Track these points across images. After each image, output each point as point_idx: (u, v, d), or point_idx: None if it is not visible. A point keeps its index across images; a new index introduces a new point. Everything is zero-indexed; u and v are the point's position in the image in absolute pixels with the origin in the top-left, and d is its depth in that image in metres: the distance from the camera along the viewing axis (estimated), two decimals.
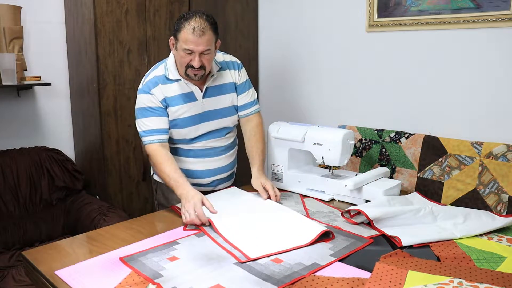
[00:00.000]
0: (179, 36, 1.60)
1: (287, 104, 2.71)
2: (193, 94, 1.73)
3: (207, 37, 1.58)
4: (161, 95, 1.69)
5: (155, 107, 1.69)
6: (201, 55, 1.60)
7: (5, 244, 2.19)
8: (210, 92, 1.76)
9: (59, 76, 2.55)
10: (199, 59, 1.60)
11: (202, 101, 1.73)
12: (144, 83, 1.72)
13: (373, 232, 1.45)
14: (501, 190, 1.69)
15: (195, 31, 1.56)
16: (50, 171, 2.38)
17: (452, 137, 1.88)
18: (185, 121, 1.73)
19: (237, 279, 1.14)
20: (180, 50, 1.61)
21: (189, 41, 1.57)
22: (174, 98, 1.71)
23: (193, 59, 1.60)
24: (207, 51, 1.61)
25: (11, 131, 2.43)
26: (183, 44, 1.59)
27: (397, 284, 1.10)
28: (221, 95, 1.78)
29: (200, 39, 1.57)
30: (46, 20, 2.47)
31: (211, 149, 1.81)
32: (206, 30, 1.58)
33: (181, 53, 1.62)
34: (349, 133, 1.79)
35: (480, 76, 1.88)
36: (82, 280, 1.14)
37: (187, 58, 1.61)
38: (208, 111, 1.76)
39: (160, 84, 1.69)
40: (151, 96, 1.69)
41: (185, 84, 1.70)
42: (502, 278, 1.13)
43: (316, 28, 2.48)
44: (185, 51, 1.59)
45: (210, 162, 1.81)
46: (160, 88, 1.69)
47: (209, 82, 1.74)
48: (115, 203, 2.35)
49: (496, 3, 1.79)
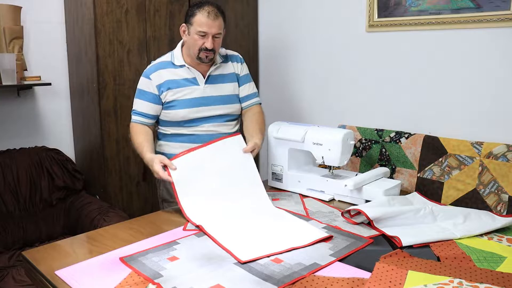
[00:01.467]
0: (193, 21, 1.73)
1: (287, 104, 2.71)
2: (196, 79, 1.83)
3: (219, 21, 1.74)
4: (160, 79, 1.80)
5: (148, 91, 1.81)
6: (213, 38, 1.74)
7: (5, 244, 2.19)
8: (212, 79, 1.86)
9: (59, 76, 2.55)
10: (212, 41, 1.73)
11: (204, 86, 1.83)
12: (148, 67, 1.85)
13: (373, 232, 1.45)
14: (501, 190, 1.69)
15: (210, 14, 1.71)
16: (50, 171, 2.38)
17: (452, 137, 1.88)
18: (184, 103, 1.81)
19: (237, 279, 1.14)
20: (194, 33, 1.74)
21: (203, 24, 1.71)
22: (176, 81, 1.81)
23: (206, 41, 1.73)
24: (218, 35, 1.75)
25: (11, 131, 2.43)
26: (197, 27, 1.72)
27: (397, 284, 1.10)
28: (224, 83, 1.88)
29: (214, 22, 1.72)
30: (46, 20, 2.47)
31: (216, 134, 1.85)
32: (218, 15, 1.74)
33: (194, 37, 1.74)
34: (349, 133, 1.79)
35: (480, 76, 1.88)
36: (82, 280, 1.14)
37: (201, 41, 1.74)
38: (209, 97, 1.84)
39: (162, 70, 1.81)
40: (149, 81, 1.81)
41: (188, 69, 1.82)
42: (502, 278, 1.13)
43: (316, 28, 2.48)
44: (199, 33, 1.72)
45: None
46: (160, 73, 1.81)
47: (212, 70, 1.85)
48: (115, 203, 2.35)
49: (496, 3, 1.79)
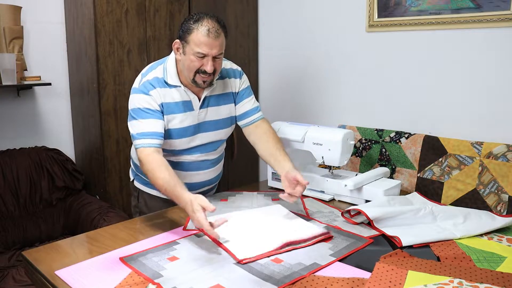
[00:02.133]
0: (189, 39, 1.47)
1: (287, 104, 2.71)
2: (191, 103, 1.61)
3: (221, 40, 1.49)
4: (159, 99, 1.56)
5: (153, 109, 1.54)
6: (214, 59, 1.49)
7: (5, 244, 2.19)
8: (208, 102, 1.65)
9: (59, 76, 2.55)
10: (212, 63, 1.49)
11: (198, 111, 1.62)
12: (142, 83, 1.57)
13: (373, 232, 1.45)
14: (501, 190, 1.69)
15: (210, 32, 1.45)
16: (50, 171, 2.38)
17: (452, 137, 1.88)
18: (179, 132, 1.60)
19: (237, 279, 1.14)
20: (190, 54, 1.48)
21: (203, 44, 1.45)
22: (170, 105, 1.57)
23: (205, 64, 1.48)
24: (220, 55, 1.51)
25: (11, 131, 2.43)
26: (195, 48, 1.46)
27: (397, 284, 1.10)
28: (219, 105, 1.67)
29: (215, 41, 1.46)
30: (46, 20, 2.47)
31: (202, 162, 1.70)
32: (220, 33, 1.48)
33: (191, 57, 1.49)
34: (349, 133, 1.79)
35: (480, 76, 1.88)
36: (82, 280, 1.14)
37: (198, 63, 1.49)
38: (204, 122, 1.65)
39: (158, 88, 1.56)
40: (149, 97, 1.54)
41: (184, 91, 1.59)
42: (502, 278, 1.13)
43: (316, 28, 2.48)
44: (197, 54, 1.47)
45: (199, 175, 1.72)
46: (158, 92, 1.56)
47: (209, 91, 1.63)
48: (115, 203, 2.35)
49: (496, 3, 1.79)
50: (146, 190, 1.79)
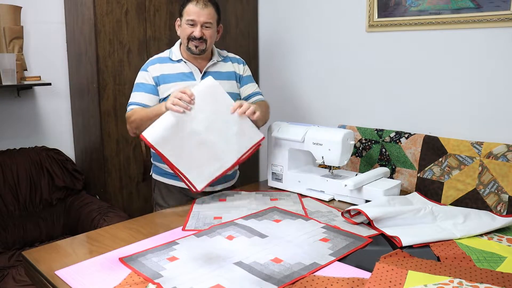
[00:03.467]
0: (183, 12, 1.75)
1: (287, 104, 2.71)
2: (192, 74, 1.81)
3: (209, 10, 1.73)
4: (157, 72, 1.78)
5: (146, 83, 1.78)
6: (203, 27, 1.74)
7: (5, 244, 2.19)
8: (210, 75, 1.77)
9: (59, 76, 2.55)
10: (200, 29, 1.73)
11: (200, 81, 1.77)
12: (146, 62, 1.84)
13: (372, 231, 1.45)
14: (501, 190, 1.69)
15: (198, 2, 1.72)
16: (50, 171, 2.38)
17: (452, 137, 1.88)
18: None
19: (237, 279, 1.14)
20: (184, 23, 1.75)
21: (192, 12, 1.72)
22: (172, 75, 1.79)
23: (195, 30, 1.73)
24: (209, 24, 1.74)
25: (11, 131, 2.43)
26: (186, 16, 1.73)
27: (397, 284, 1.10)
28: (221, 79, 1.80)
29: (202, 10, 1.72)
30: (46, 20, 2.47)
31: None
32: (208, 5, 1.73)
33: (184, 26, 1.75)
34: (349, 133, 1.79)
35: (480, 76, 1.88)
36: (82, 280, 1.14)
37: (189, 30, 1.74)
38: None
39: (159, 64, 1.80)
40: (146, 73, 1.79)
41: (185, 64, 1.81)
42: (502, 278, 1.13)
43: (316, 28, 2.48)
44: (188, 22, 1.73)
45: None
46: (158, 66, 1.79)
47: (209, 65, 1.83)
48: (115, 203, 2.35)
49: (496, 3, 1.79)
50: (162, 180, 1.89)
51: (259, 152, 3.00)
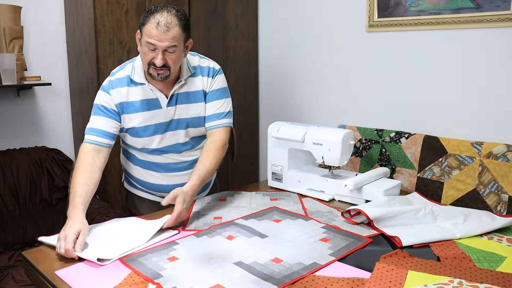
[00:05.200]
0: (143, 30, 1.46)
1: (287, 104, 2.71)
2: (158, 101, 1.59)
3: (172, 33, 1.44)
4: (119, 98, 1.57)
5: (108, 107, 1.57)
6: (166, 52, 1.46)
7: (5, 244, 2.19)
8: (177, 100, 1.61)
9: (59, 76, 2.55)
10: (162, 57, 1.46)
11: (166, 109, 1.60)
12: (108, 82, 1.61)
13: (372, 231, 1.45)
14: (501, 190, 1.69)
15: (159, 25, 1.42)
16: (50, 171, 2.38)
17: (452, 137, 1.88)
18: (146, 130, 1.60)
19: (237, 279, 1.14)
20: (144, 45, 1.48)
21: (152, 35, 1.43)
22: (135, 104, 1.57)
23: (155, 56, 1.46)
24: (172, 48, 1.46)
25: (11, 131, 2.43)
26: (146, 38, 1.45)
27: (397, 284, 1.10)
28: (188, 103, 1.63)
29: (164, 35, 1.43)
30: (46, 20, 2.47)
31: (180, 163, 1.69)
32: (172, 26, 1.44)
33: (144, 49, 1.48)
34: (349, 133, 1.79)
35: (480, 76, 1.88)
36: (82, 280, 1.14)
37: (150, 55, 1.47)
38: (173, 120, 1.62)
39: (120, 88, 1.57)
40: (108, 96, 1.57)
41: (149, 89, 1.58)
42: (502, 278, 1.13)
43: (316, 28, 2.48)
44: (148, 45, 1.45)
45: (180, 176, 1.69)
46: (119, 91, 1.57)
47: (176, 88, 1.60)
48: (115, 203, 2.35)
49: (496, 3, 1.79)
50: (134, 192, 1.82)
51: (259, 152, 3.00)
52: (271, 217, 1.58)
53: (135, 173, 1.75)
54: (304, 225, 1.51)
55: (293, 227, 1.48)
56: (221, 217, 1.58)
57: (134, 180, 1.78)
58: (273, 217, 1.58)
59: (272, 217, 1.58)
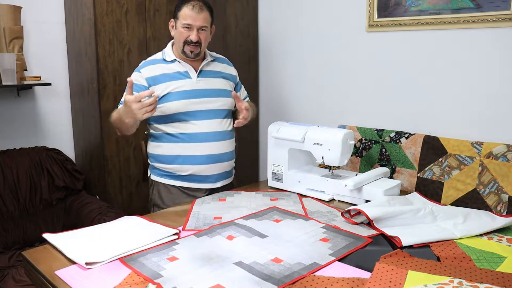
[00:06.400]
0: (179, 15, 1.77)
1: (287, 104, 2.71)
2: (188, 73, 1.85)
3: (204, 15, 1.77)
4: (151, 73, 1.81)
5: (138, 84, 1.80)
6: (199, 30, 1.78)
7: (5, 244, 2.19)
8: (204, 74, 1.88)
9: (59, 76, 2.55)
10: (197, 34, 1.77)
11: (196, 79, 1.85)
12: (141, 63, 1.87)
13: (372, 231, 1.45)
14: (501, 190, 1.69)
15: (194, 7, 1.75)
16: (50, 171, 2.38)
17: (452, 137, 1.88)
18: (177, 95, 1.80)
19: (237, 279, 1.14)
20: (180, 27, 1.78)
21: (188, 16, 1.75)
22: (168, 74, 1.82)
23: (191, 34, 1.77)
24: (204, 27, 1.78)
25: (11, 131, 2.43)
26: (182, 20, 1.76)
27: (397, 284, 1.10)
28: (216, 77, 1.90)
29: (198, 15, 1.75)
30: (46, 20, 2.47)
31: (209, 133, 1.84)
32: (204, 9, 1.77)
33: (180, 30, 1.78)
34: (349, 133, 1.79)
35: (480, 76, 1.88)
36: (82, 280, 1.14)
37: (186, 34, 1.77)
38: (202, 89, 1.85)
39: (153, 65, 1.83)
40: (139, 74, 1.83)
41: (180, 63, 1.84)
42: (502, 278, 1.13)
43: (316, 28, 2.48)
44: (184, 25, 1.76)
45: (208, 147, 1.84)
46: (152, 68, 1.83)
47: (203, 65, 1.88)
48: (115, 203, 2.35)
49: (496, 3, 1.79)
50: (160, 181, 1.90)
51: (259, 152, 3.00)
52: (271, 217, 1.58)
53: (166, 152, 1.85)
54: (304, 225, 1.51)
55: (293, 227, 1.48)
56: (221, 217, 1.58)
57: (165, 162, 1.86)
58: (273, 217, 1.58)
59: (272, 217, 1.58)
